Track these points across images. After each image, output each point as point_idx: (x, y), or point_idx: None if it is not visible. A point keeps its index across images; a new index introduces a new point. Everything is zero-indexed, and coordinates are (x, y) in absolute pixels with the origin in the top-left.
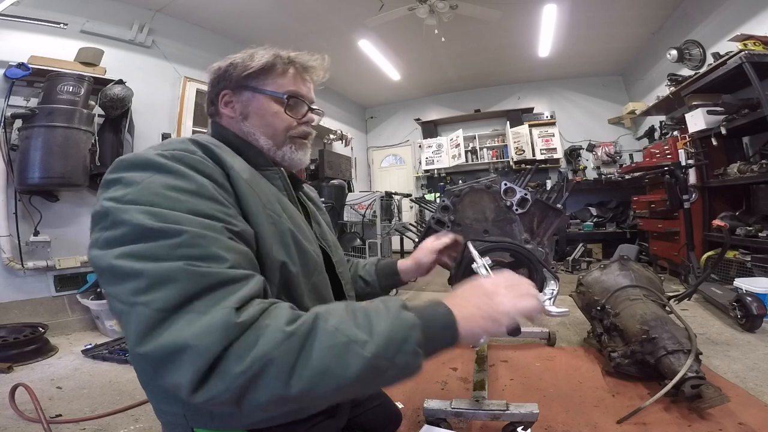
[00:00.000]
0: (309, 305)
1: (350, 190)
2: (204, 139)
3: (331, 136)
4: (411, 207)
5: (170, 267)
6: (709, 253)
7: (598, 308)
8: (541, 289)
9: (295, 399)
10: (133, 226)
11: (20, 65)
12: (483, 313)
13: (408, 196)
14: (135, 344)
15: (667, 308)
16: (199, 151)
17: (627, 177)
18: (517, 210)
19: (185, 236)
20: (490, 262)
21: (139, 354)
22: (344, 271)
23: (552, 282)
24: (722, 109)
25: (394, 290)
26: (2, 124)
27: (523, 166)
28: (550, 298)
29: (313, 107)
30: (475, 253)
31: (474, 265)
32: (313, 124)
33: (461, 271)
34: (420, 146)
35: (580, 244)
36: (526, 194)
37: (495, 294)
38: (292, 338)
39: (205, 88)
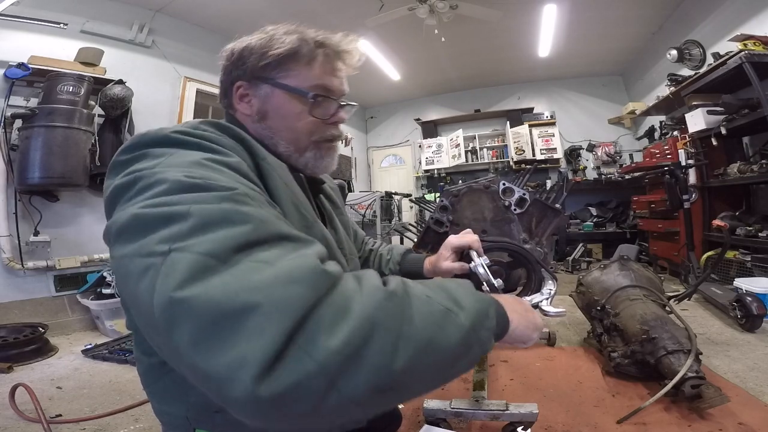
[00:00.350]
0: None
1: (350, 190)
2: (227, 124)
3: None
4: (411, 207)
5: (224, 208)
6: (709, 253)
7: (598, 308)
8: (539, 288)
9: (395, 382)
10: (170, 181)
11: (20, 65)
12: (527, 321)
13: (408, 196)
14: (171, 288)
15: (667, 308)
16: (227, 136)
17: (627, 177)
18: (515, 210)
19: (235, 192)
20: (488, 261)
21: (171, 301)
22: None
23: (550, 282)
24: (722, 109)
25: None
26: (2, 124)
27: (523, 166)
28: (547, 298)
29: (344, 102)
30: (473, 252)
31: (472, 264)
32: (343, 122)
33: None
34: (420, 146)
35: (580, 244)
36: (524, 194)
37: (530, 310)
38: (393, 299)
39: (205, 88)
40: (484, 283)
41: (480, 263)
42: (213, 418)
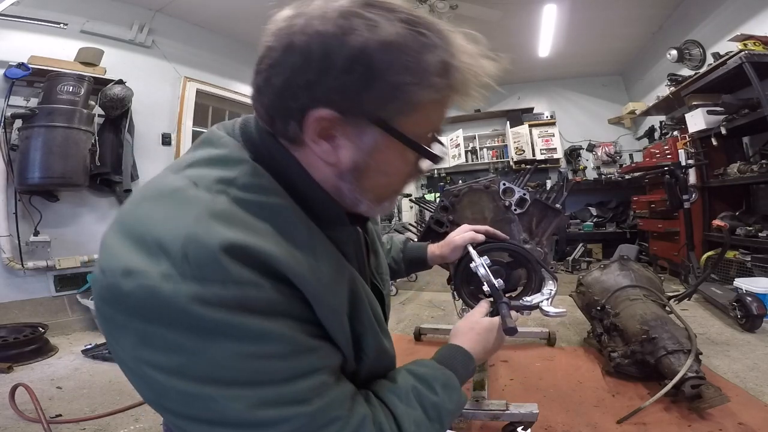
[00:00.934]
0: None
1: None
2: (264, 251)
3: None
4: (411, 207)
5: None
6: (709, 253)
7: (598, 308)
8: (539, 289)
9: None
10: (237, 419)
11: (20, 65)
12: (487, 353)
13: (408, 196)
14: None
15: (667, 308)
16: (266, 281)
17: (627, 177)
18: (515, 210)
19: (300, 421)
20: (488, 261)
21: None
22: (388, 299)
23: (550, 282)
24: (722, 109)
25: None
26: (2, 124)
27: (523, 166)
28: (548, 299)
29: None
30: (473, 252)
31: (472, 265)
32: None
33: (460, 270)
34: None
35: (580, 244)
36: (524, 194)
37: (486, 336)
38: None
39: (205, 88)
40: (485, 283)
41: (480, 263)
42: None
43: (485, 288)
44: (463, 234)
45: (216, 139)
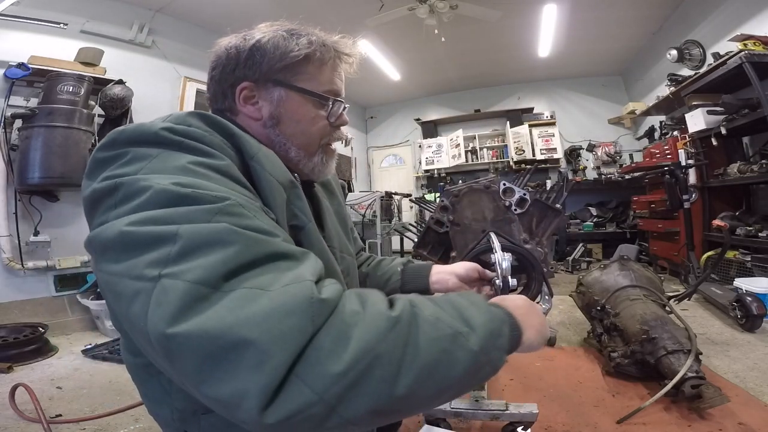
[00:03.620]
0: None
1: (350, 190)
2: (217, 118)
3: None
4: (411, 207)
5: (213, 228)
6: (709, 253)
7: (598, 308)
8: (533, 299)
9: (395, 406)
10: (156, 190)
11: (20, 65)
12: (537, 332)
13: (408, 196)
14: (162, 327)
15: (667, 308)
16: (215, 133)
17: (627, 177)
18: (515, 210)
19: (226, 203)
20: (512, 259)
21: (167, 336)
22: (351, 283)
23: (547, 298)
24: (722, 109)
25: None
26: (2, 124)
27: (523, 166)
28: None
29: (347, 105)
30: (497, 245)
31: (493, 257)
32: (346, 124)
33: (468, 258)
34: (420, 146)
35: (580, 244)
36: (524, 194)
37: (541, 317)
38: (398, 326)
39: (205, 88)
40: (500, 279)
41: (507, 258)
42: (199, 420)
43: (497, 282)
44: (465, 264)
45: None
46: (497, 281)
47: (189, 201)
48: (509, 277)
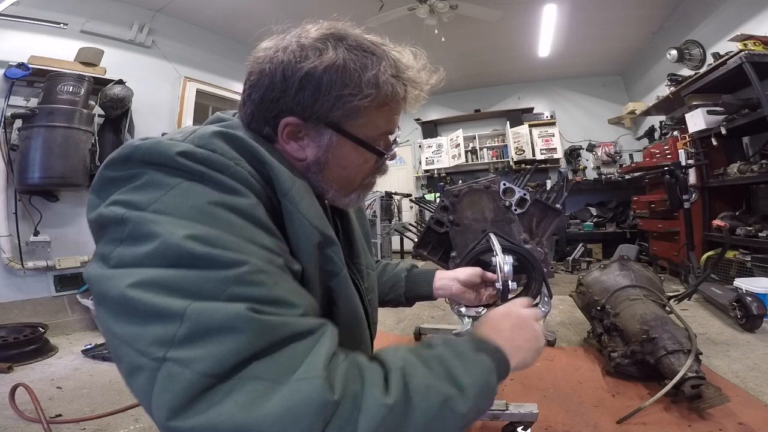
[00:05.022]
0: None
1: None
2: (247, 142)
3: None
4: (411, 207)
5: (225, 314)
6: (709, 253)
7: (598, 308)
8: (535, 297)
9: None
10: (167, 243)
11: (20, 65)
12: (526, 353)
13: (408, 196)
14: (165, 417)
15: (667, 308)
16: (244, 161)
17: (627, 177)
18: (515, 210)
19: (245, 268)
20: (513, 260)
21: (172, 428)
22: (373, 298)
23: (546, 300)
24: (722, 109)
25: None
26: (2, 124)
27: (523, 166)
28: (543, 317)
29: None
30: (498, 247)
31: (494, 258)
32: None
33: (467, 258)
34: (420, 146)
35: (580, 244)
36: (524, 194)
37: (530, 331)
38: (394, 411)
39: (205, 88)
40: (501, 282)
41: (508, 261)
42: None
43: (497, 285)
44: (467, 270)
45: (226, 117)
46: (498, 284)
47: (203, 264)
48: (509, 280)
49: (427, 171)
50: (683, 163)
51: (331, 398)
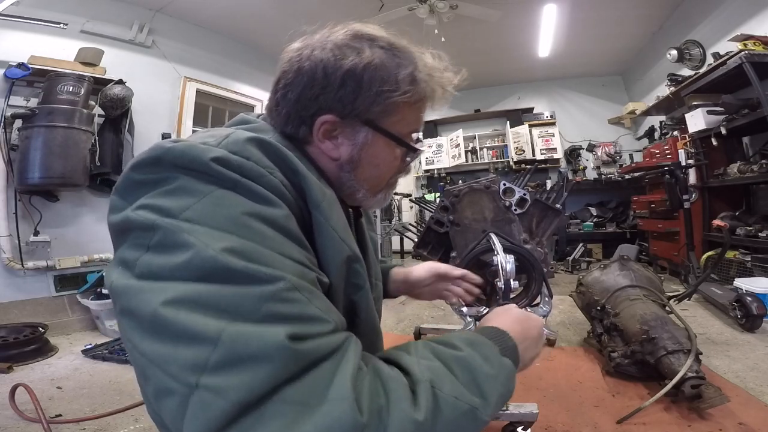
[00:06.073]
0: None
1: None
2: (281, 149)
3: None
4: (411, 207)
5: (260, 341)
6: (709, 253)
7: (598, 308)
8: (533, 299)
9: None
10: (202, 256)
11: (20, 65)
12: (534, 353)
13: (408, 196)
14: None
15: (667, 308)
16: (278, 171)
17: (627, 177)
18: (516, 210)
19: (281, 285)
20: (513, 259)
21: None
22: (380, 308)
23: (547, 299)
24: (722, 109)
25: None
26: (2, 124)
27: (523, 166)
28: (543, 317)
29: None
30: (499, 246)
31: (495, 259)
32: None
33: (468, 258)
34: None
35: (580, 244)
36: (525, 194)
37: (536, 333)
38: (423, 426)
39: (205, 88)
40: (503, 282)
41: (510, 261)
42: None
43: (499, 284)
44: (424, 266)
45: (251, 119)
46: (499, 283)
47: (239, 279)
48: (511, 280)
49: (427, 171)
50: (683, 163)
51: (360, 420)
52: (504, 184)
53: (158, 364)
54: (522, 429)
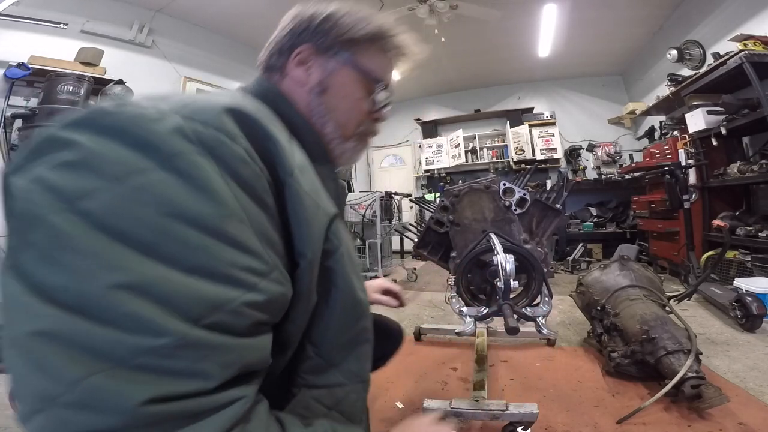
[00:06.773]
0: (337, 359)
1: (350, 190)
2: (251, 108)
3: None
4: (411, 207)
5: (120, 393)
6: (709, 253)
7: (598, 308)
8: (533, 299)
9: None
10: (83, 288)
11: (20, 65)
12: None
13: (408, 196)
14: None
15: (667, 308)
16: (242, 138)
17: (627, 177)
18: (515, 210)
19: (165, 341)
20: (513, 259)
21: None
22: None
23: (547, 299)
24: (722, 109)
25: None
26: (2, 124)
27: (523, 166)
28: (544, 316)
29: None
30: (499, 246)
31: (495, 258)
32: (384, 120)
33: (467, 259)
34: (420, 146)
35: (580, 244)
36: (524, 194)
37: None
38: None
39: (205, 88)
40: (502, 282)
41: (510, 261)
42: None
43: (499, 284)
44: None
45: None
46: (499, 283)
47: (121, 323)
48: (511, 279)
49: (427, 171)
50: (683, 163)
51: None
52: (504, 184)
53: (15, 381)
54: (522, 429)
